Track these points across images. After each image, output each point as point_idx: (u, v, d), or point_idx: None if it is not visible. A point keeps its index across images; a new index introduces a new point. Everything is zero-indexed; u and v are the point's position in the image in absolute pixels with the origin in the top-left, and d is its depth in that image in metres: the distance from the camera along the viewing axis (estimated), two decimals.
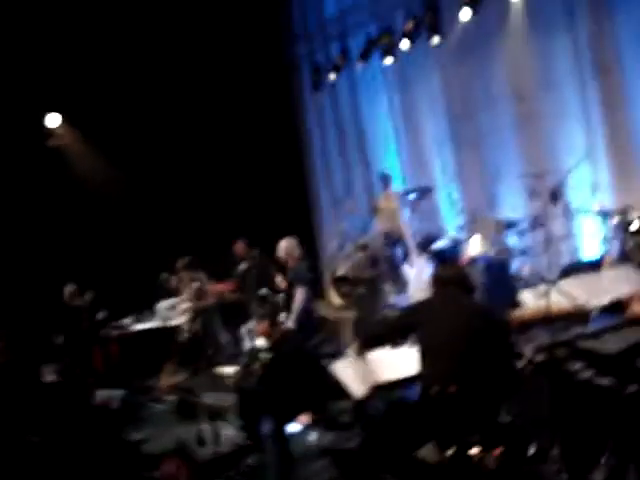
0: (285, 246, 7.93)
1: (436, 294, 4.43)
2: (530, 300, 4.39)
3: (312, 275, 8.15)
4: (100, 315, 9.79)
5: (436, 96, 10.92)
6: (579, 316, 4.44)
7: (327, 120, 12.71)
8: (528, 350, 4.32)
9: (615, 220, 7.68)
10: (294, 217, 12.02)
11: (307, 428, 6.20)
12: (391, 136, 11.71)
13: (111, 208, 11.26)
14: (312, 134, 13.04)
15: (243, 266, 9.63)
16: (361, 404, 4.81)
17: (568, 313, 4.36)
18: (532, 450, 4.68)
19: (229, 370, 8.30)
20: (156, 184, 11.46)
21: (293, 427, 6.40)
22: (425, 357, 4.18)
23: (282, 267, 8.55)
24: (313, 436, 5.97)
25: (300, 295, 7.71)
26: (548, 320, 4.01)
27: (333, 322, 10.16)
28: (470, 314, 4.25)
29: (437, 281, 4.43)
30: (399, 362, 4.29)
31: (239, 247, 10.16)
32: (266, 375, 6.27)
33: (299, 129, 13.16)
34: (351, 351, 4.83)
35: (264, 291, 8.74)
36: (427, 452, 4.05)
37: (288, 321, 7.53)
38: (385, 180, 10.62)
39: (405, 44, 10.32)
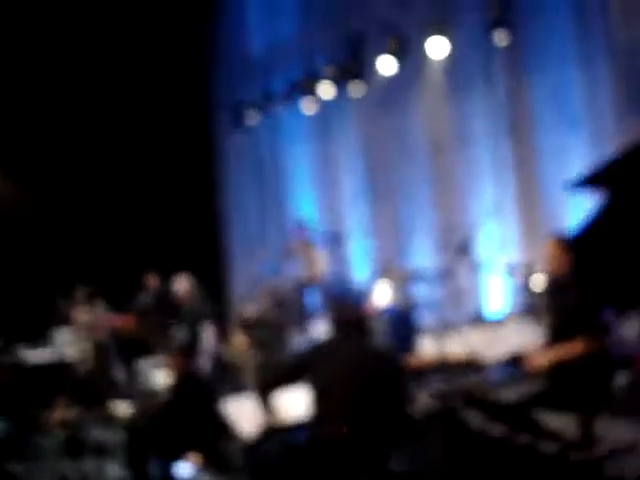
0: (186, 283, 7.78)
1: (332, 336, 4.36)
2: (427, 346, 4.34)
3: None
4: None
5: (355, 147, 11.04)
6: (475, 366, 4.41)
7: (246, 161, 12.66)
8: (423, 397, 4.26)
9: (520, 276, 7.81)
10: (204, 256, 11.86)
11: (197, 470, 5.99)
12: (309, 183, 11.72)
13: (11, 228, 10.84)
14: (229, 174, 12.96)
15: (145, 298, 9.29)
16: (251, 446, 4.64)
17: (464, 362, 4.32)
18: None
19: (122, 407, 8.00)
20: (64, 209, 11.11)
21: (183, 469, 6.19)
22: (316, 399, 4.07)
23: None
24: (203, 478, 5.74)
25: (211, 332, 7.56)
26: (443, 367, 3.94)
27: (237, 365, 10.00)
28: (364, 357, 4.18)
29: (334, 322, 4.35)
30: (291, 404, 4.15)
31: (151, 279, 9.83)
32: (162, 413, 6.01)
33: (216, 168, 13.06)
34: (253, 396, 4.68)
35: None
36: None
37: (200, 359, 7.37)
38: (301, 227, 10.61)
39: (327, 90, 10.38)
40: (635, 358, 6.00)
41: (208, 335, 7.56)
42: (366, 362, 4.16)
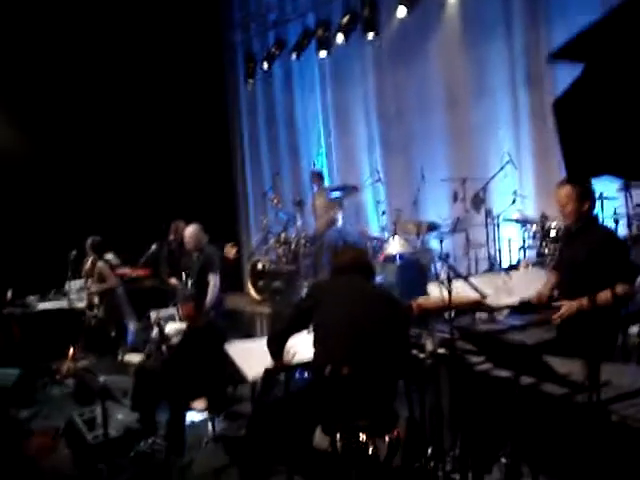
0: (193, 232, 7.74)
1: (335, 277, 4.30)
2: (435, 290, 4.26)
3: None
4: (8, 294, 9.39)
5: (369, 96, 10.85)
6: (482, 309, 4.34)
7: (259, 110, 12.56)
8: (430, 341, 4.20)
9: (534, 227, 7.69)
10: (219, 208, 11.84)
11: (205, 416, 6.02)
12: (322, 132, 11.60)
13: (23, 180, 10.82)
14: (243, 123, 12.85)
15: (158, 249, 9.23)
16: (259, 388, 4.62)
17: (473, 304, 4.25)
18: (430, 450, 4.60)
19: (134, 357, 8.04)
20: (78, 160, 11.05)
21: (190, 415, 6.22)
22: (320, 338, 4.02)
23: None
24: (210, 424, 5.77)
25: (214, 282, 7.54)
26: (450, 309, 3.87)
27: (250, 315, 10.03)
28: (370, 297, 4.13)
29: (337, 264, 4.30)
30: (294, 347, 4.11)
31: (173, 228, 9.69)
32: (172, 358, 6.03)
33: (230, 117, 12.97)
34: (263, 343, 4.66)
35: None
36: (317, 438, 3.89)
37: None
38: (319, 177, 10.55)
39: (340, 38, 10.23)
40: None
41: (213, 284, 7.52)
42: (371, 302, 4.12)
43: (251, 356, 4.42)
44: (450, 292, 3.85)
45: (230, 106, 12.99)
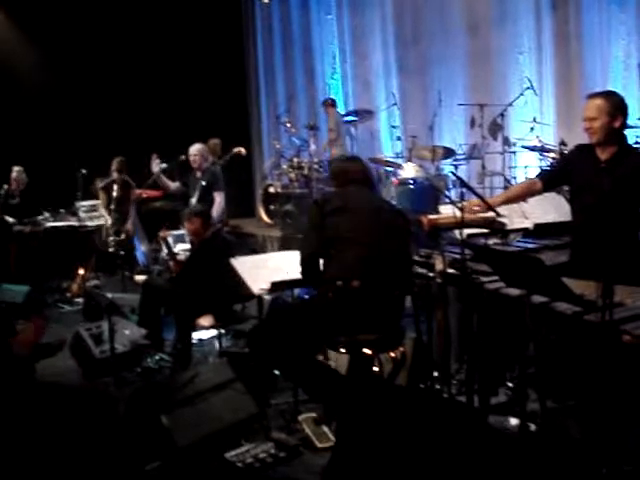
0: (199, 150, 7.64)
1: (342, 189, 4.20)
2: (447, 210, 4.15)
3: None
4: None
5: (387, 19, 10.63)
6: (495, 227, 4.23)
7: (275, 32, 12.31)
8: (439, 262, 4.11)
9: (552, 155, 7.53)
10: (233, 130, 11.65)
11: (212, 334, 6.02)
12: (338, 56, 11.36)
13: (36, 98, 10.67)
14: (258, 45, 12.61)
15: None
16: (261, 302, 4.57)
17: (484, 220, 4.14)
18: (436, 373, 4.57)
19: (144, 277, 8.02)
20: (91, 79, 10.88)
21: (198, 333, 6.23)
22: (336, 251, 3.93)
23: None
24: (217, 342, 5.76)
25: (219, 199, 7.47)
26: (462, 225, 3.77)
27: (261, 239, 10.01)
28: (381, 208, 4.07)
29: (343, 175, 4.19)
30: (289, 264, 4.04)
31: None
32: (181, 273, 5.99)
33: (246, 38, 12.73)
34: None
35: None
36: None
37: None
38: (332, 103, 10.38)
39: None
40: None
41: (219, 202, 7.45)
42: (382, 213, 4.07)
43: (257, 270, 4.36)
44: (462, 209, 3.74)
45: (245, 27, 12.73)
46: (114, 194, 8.95)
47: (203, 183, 7.49)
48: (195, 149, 7.70)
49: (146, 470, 3.93)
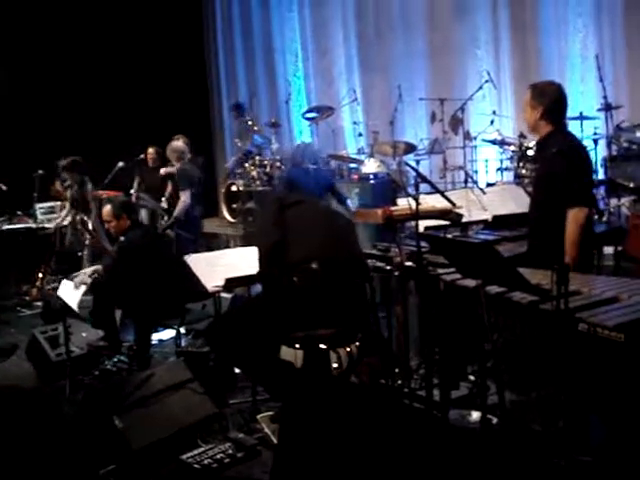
0: (175, 145, 7.59)
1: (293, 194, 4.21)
2: (404, 202, 4.11)
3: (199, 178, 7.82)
4: None
5: (348, 16, 10.57)
6: (452, 218, 4.19)
7: (235, 31, 12.17)
8: (397, 255, 4.07)
9: (512, 148, 7.55)
10: (195, 129, 11.47)
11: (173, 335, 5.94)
12: (300, 53, 11.29)
13: None
14: (219, 43, 12.48)
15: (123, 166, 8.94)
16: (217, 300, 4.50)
17: (441, 211, 4.10)
18: (397, 369, 4.52)
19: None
20: (47, 76, 10.65)
21: (159, 335, 6.16)
22: (291, 239, 3.91)
23: None
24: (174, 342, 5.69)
25: (184, 197, 7.37)
26: (418, 217, 3.72)
27: (224, 238, 9.92)
28: (328, 208, 4.06)
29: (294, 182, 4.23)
30: (244, 260, 3.99)
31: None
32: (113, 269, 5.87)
33: (206, 37, 12.60)
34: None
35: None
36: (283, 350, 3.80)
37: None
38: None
39: None
40: (625, 232, 5.84)
41: (183, 200, 7.36)
42: (332, 212, 4.09)
43: (212, 267, 4.29)
44: (417, 199, 3.69)
45: (205, 25, 12.59)
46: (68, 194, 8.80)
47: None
48: (172, 147, 7.64)
49: (100, 474, 3.84)
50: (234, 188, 10.11)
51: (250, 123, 10.43)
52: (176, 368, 4.51)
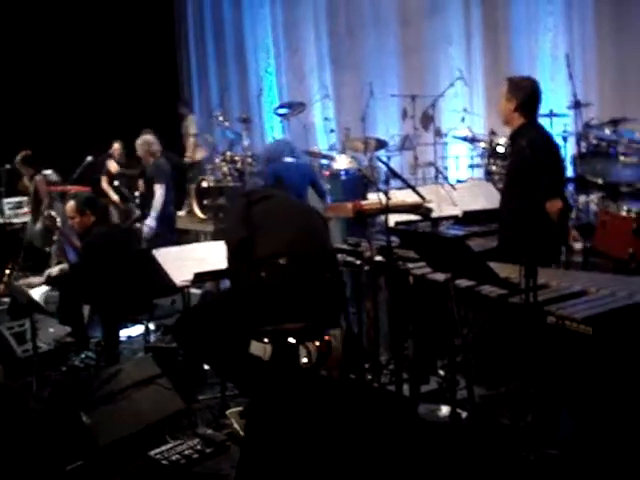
0: (144, 139, 7.49)
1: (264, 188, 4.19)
2: (374, 197, 4.09)
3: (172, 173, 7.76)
4: None
5: (320, 13, 10.56)
6: (422, 212, 4.18)
7: (207, 26, 12.12)
8: (367, 249, 4.06)
9: (482, 145, 7.58)
10: (165, 125, 11.40)
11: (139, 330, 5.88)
12: (271, 49, 11.26)
13: None
14: (190, 39, 12.41)
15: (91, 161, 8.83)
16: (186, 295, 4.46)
17: (411, 206, 4.10)
18: (367, 364, 4.51)
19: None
20: (13, 67, 10.50)
21: (128, 330, 6.09)
22: (259, 234, 3.87)
23: None
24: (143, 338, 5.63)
25: (160, 192, 7.30)
26: (388, 210, 3.72)
27: (195, 235, 9.83)
28: (301, 204, 4.04)
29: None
30: (213, 254, 3.94)
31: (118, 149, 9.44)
32: (79, 265, 5.81)
33: (178, 32, 12.51)
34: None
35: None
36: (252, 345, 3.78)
37: (148, 219, 7.14)
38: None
39: None
40: (593, 228, 5.88)
41: (159, 195, 7.28)
42: (305, 207, 4.03)
43: (180, 261, 4.24)
44: (387, 193, 3.68)
45: (177, 21, 12.51)
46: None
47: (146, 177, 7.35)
48: (140, 141, 7.55)
49: (67, 470, 3.79)
50: (205, 184, 10.06)
51: (221, 119, 10.39)
52: (144, 364, 4.46)
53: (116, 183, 9.34)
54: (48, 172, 9.01)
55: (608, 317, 2.83)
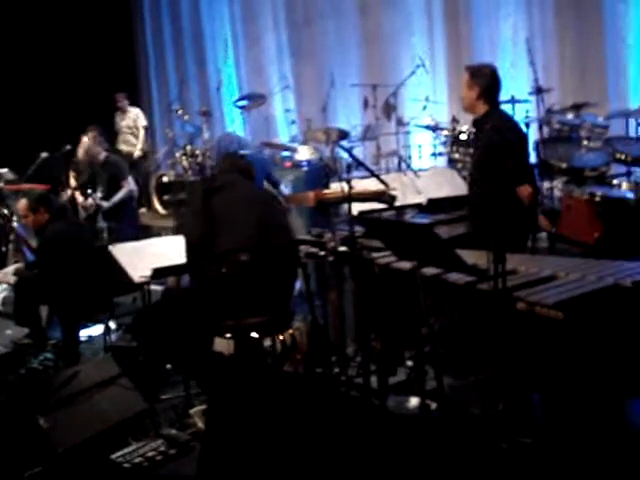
0: (85, 147, 7.26)
1: (220, 176, 4.03)
2: (337, 186, 3.99)
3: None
4: None
5: (278, 3, 10.42)
6: (386, 200, 4.09)
7: (164, 17, 11.88)
8: (331, 240, 3.96)
9: (445, 133, 7.52)
10: None
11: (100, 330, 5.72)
12: (229, 41, 11.09)
13: None
14: (147, 31, 12.16)
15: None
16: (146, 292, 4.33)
17: (374, 194, 4.01)
18: (334, 357, 4.42)
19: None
20: None
21: (88, 330, 5.94)
22: (217, 228, 3.73)
23: None
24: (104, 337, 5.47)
25: (127, 187, 7.14)
26: (350, 199, 3.62)
27: (156, 230, 9.66)
28: (259, 192, 3.91)
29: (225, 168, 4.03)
30: (172, 249, 3.79)
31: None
32: (35, 265, 5.65)
33: (134, 24, 12.25)
34: None
35: None
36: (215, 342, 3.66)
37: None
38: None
39: None
40: (558, 213, 5.86)
41: (127, 190, 7.13)
42: (262, 196, 3.94)
43: (138, 257, 4.10)
44: (349, 182, 3.59)
45: (133, 12, 12.26)
46: None
47: (106, 177, 7.15)
48: (83, 147, 7.35)
49: (25, 477, 3.64)
50: (165, 179, 9.89)
51: (180, 112, 10.21)
52: (104, 364, 4.32)
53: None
54: (3, 170, 8.77)
55: (579, 301, 2.77)
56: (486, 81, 4.21)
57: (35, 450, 3.76)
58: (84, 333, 5.80)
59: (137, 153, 10.42)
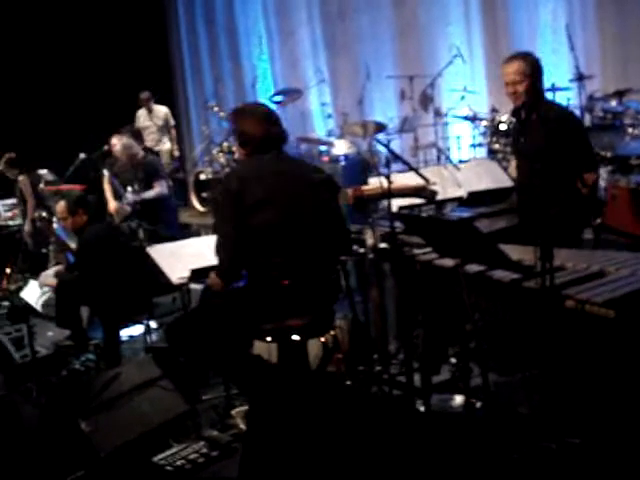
0: (125, 144, 7.18)
1: (255, 158, 3.65)
2: (375, 181, 3.91)
3: None
4: None
5: None
6: (426, 195, 4.00)
7: (198, 16, 11.91)
8: (370, 237, 3.88)
9: (484, 123, 7.39)
10: None
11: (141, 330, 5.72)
12: (264, 36, 11.05)
13: None
14: (182, 29, 12.19)
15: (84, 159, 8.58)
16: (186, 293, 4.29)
17: (414, 189, 3.92)
18: (376, 355, 4.35)
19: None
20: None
21: (129, 330, 5.93)
22: (260, 238, 3.49)
23: None
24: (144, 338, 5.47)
25: (159, 188, 7.10)
26: (390, 195, 3.54)
27: (196, 229, 9.68)
28: (307, 178, 3.59)
29: (253, 141, 3.52)
30: (210, 249, 3.63)
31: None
32: (75, 267, 5.66)
33: (169, 23, 12.28)
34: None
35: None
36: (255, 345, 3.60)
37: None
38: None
39: None
40: (603, 204, 5.71)
41: (159, 192, 7.09)
42: (309, 184, 3.58)
43: (175, 258, 4.06)
44: (389, 177, 3.50)
45: (167, 11, 12.30)
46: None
47: (142, 178, 7.11)
48: (120, 147, 7.27)
49: None
50: (203, 177, 9.90)
51: (216, 109, 10.20)
52: (145, 366, 4.30)
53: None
54: (43, 172, 8.84)
55: (631, 299, 2.66)
56: (534, 69, 4.15)
57: (77, 454, 3.76)
58: (125, 332, 5.81)
59: (176, 153, 10.48)
